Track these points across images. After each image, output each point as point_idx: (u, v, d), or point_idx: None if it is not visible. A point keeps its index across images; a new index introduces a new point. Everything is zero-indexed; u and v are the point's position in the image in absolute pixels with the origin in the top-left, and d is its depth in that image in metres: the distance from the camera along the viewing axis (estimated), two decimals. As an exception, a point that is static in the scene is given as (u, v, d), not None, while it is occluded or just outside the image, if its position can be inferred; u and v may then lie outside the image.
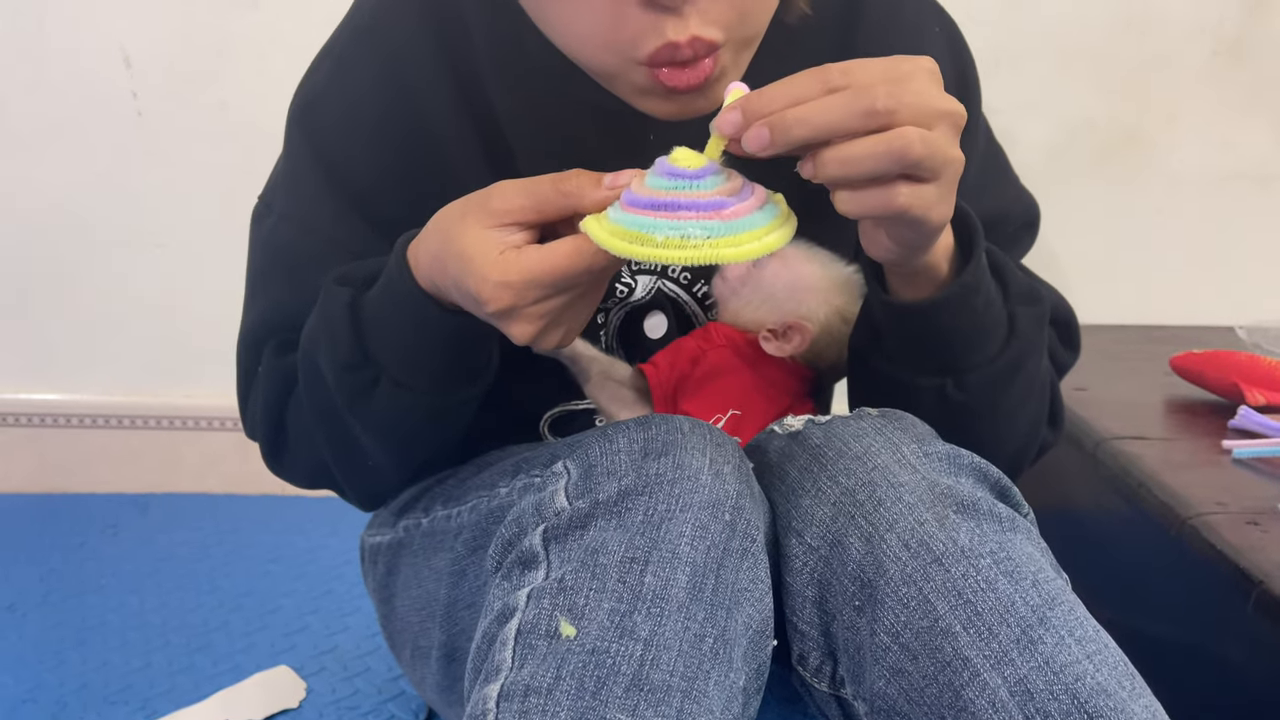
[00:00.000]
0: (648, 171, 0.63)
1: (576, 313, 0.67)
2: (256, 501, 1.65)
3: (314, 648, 1.29)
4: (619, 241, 0.61)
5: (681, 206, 0.60)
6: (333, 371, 0.75)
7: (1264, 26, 1.48)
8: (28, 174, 1.56)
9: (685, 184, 0.61)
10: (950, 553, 0.62)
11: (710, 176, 0.61)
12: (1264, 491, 0.99)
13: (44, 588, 1.42)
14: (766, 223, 0.61)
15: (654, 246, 0.60)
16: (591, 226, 0.62)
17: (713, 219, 0.60)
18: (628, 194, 0.62)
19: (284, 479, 0.88)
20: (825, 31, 0.83)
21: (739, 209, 0.61)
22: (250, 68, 1.51)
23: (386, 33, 0.81)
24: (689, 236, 0.59)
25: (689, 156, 0.62)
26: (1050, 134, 1.51)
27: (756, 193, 0.63)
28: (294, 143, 0.84)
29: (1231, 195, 1.53)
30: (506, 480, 0.77)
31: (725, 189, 0.61)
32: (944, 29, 0.88)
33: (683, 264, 0.60)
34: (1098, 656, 0.59)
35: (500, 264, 0.63)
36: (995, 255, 0.76)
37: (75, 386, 1.67)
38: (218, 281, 1.55)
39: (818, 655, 0.68)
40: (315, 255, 0.81)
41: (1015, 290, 0.76)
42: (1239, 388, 1.16)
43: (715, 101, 0.69)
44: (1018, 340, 0.75)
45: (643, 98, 0.70)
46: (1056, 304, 0.87)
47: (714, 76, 0.68)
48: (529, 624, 0.60)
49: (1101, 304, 1.53)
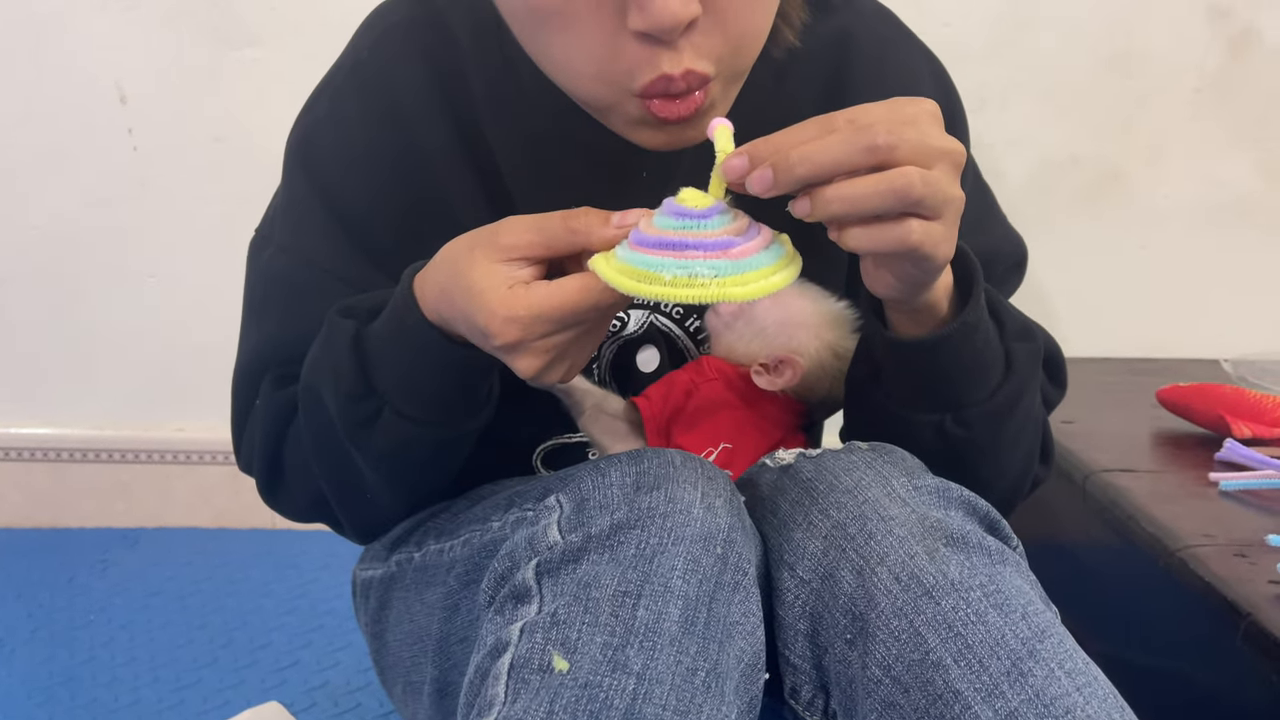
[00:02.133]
0: (655, 211, 0.63)
1: (581, 348, 0.68)
2: (247, 536, 1.65)
3: (305, 683, 1.28)
4: (627, 280, 0.61)
5: (689, 246, 0.61)
6: (336, 402, 0.75)
7: (1245, 64, 1.51)
8: (21, 206, 1.57)
9: (693, 224, 0.62)
10: (941, 586, 0.63)
11: (717, 216, 0.62)
12: (1251, 524, 1.00)
13: (32, 624, 1.41)
14: (773, 262, 0.62)
15: (662, 285, 0.60)
16: (599, 264, 0.63)
17: (720, 258, 0.61)
18: (636, 233, 0.63)
19: (279, 512, 0.88)
20: (815, 69, 0.85)
21: (745, 248, 0.61)
22: (245, 103, 1.53)
23: (383, 69, 0.82)
24: (696, 275, 0.60)
25: (696, 197, 0.62)
26: (1036, 170, 1.53)
27: (763, 232, 0.63)
28: (292, 176, 0.85)
29: (1215, 230, 1.55)
30: (499, 514, 0.77)
31: (732, 228, 0.62)
32: (933, 73, 0.90)
33: (691, 302, 0.61)
34: (1088, 689, 0.60)
35: (509, 299, 0.63)
36: (991, 293, 0.77)
37: (65, 420, 1.67)
38: (210, 315, 1.56)
39: (810, 688, 0.68)
40: (314, 286, 0.81)
41: (1011, 327, 0.77)
42: (1225, 420, 1.17)
43: (704, 133, 0.69)
44: (1015, 376, 0.76)
45: (634, 129, 0.72)
46: (1047, 344, 0.88)
47: (704, 108, 0.69)
48: (522, 658, 0.60)
49: (1088, 337, 1.54)
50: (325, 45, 0.90)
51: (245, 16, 1.51)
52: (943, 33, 1.45)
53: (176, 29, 1.52)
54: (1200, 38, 1.50)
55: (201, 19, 1.51)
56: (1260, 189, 1.55)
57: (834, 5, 0.87)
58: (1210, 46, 1.50)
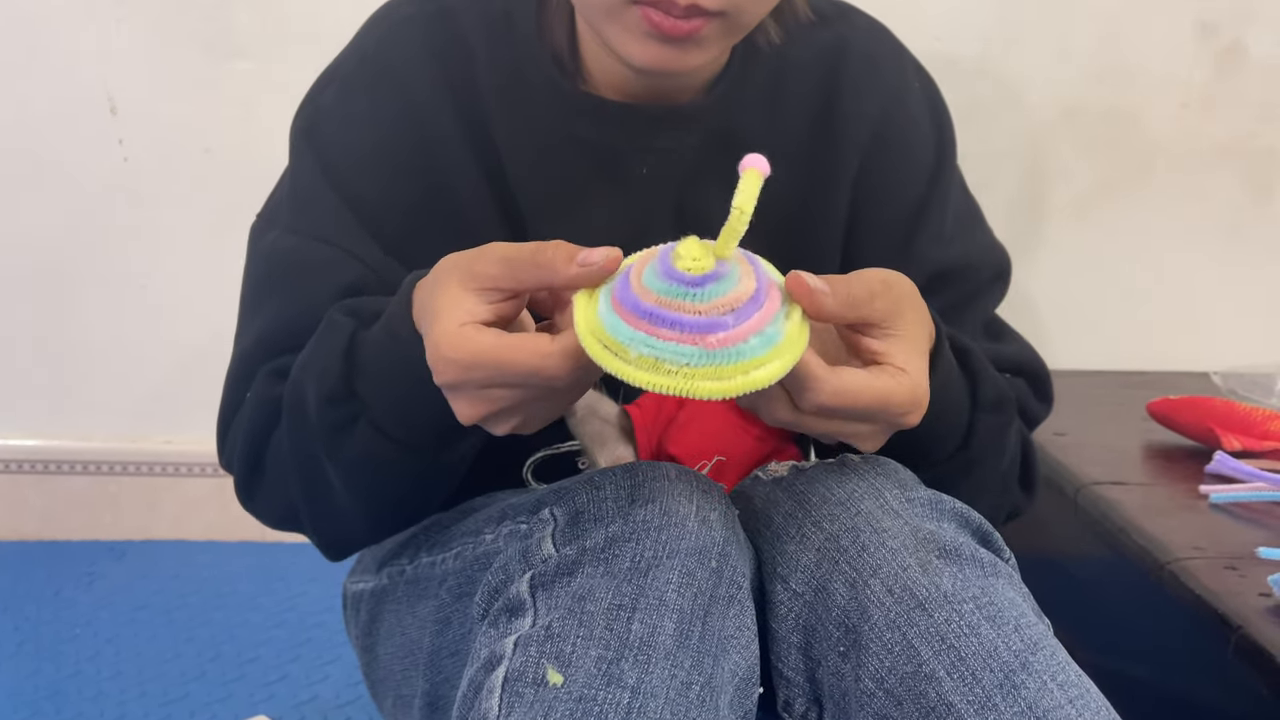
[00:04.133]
0: (653, 260, 0.56)
1: (540, 408, 0.63)
2: (235, 549, 1.64)
3: (293, 697, 1.27)
4: (595, 344, 0.55)
5: (665, 322, 0.53)
6: (316, 404, 0.72)
7: (1232, 79, 1.52)
8: (10, 216, 1.56)
9: (680, 291, 0.54)
10: (933, 598, 0.63)
11: (712, 284, 0.54)
12: (1241, 536, 1.00)
13: (18, 637, 1.40)
14: (762, 351, 0.54)
15: (625, 362, 0.54)
16: (581, 305, 0.56)
17: (695, 345, 0.53)
18: (623, 285, 0.55)
19: (254, 515, 0.85)
20: (809, 78, 0.86)
21: (731, 334, 0.53)
22: (235, 115, 1.52)
23: (393, 61, 0.82)
24: (663, 360, 0.53)
25: (696, 253, 0.54)
26: (1025, 183, 1.54)
27: (768, 303, 0.55)
28: (301, 158, 0.84)
29: (1203, 244, 1.56)
30: (492, 527, 0.77)
31: (728, 299, 0.54)
32: (923, 85, 0.91)
33: (656, 390, 0.53)
34: (1080, 701, 0.60)
35: (455, 337, 0.60)
36: (973, 359, 0.76)
37: (52, 432, 1.65)
38: (200, 327, 1.56)
39: (803, 701, 0.68)
40: (323, 262, 0.79)
41: (984, 399, 0.76)
42: (1215, 433, 1.17)
43: (691, 63, 0.73)
44: (968, 451, 0.76)
45: (628, 41, 0.73)
46: (1028, 358, 0.89)
47: (698, 37, 0.71)
48: (516, 672, 0.60)
49: (1078, 350, 1.54)
50: (316, 56, 0.90)
51: (236, 27, 1.51)
52: (934, 47, 1.45)
53: (167, 40, 1.51)
54: (1188, 53, 1.51)
55: (192, 30, 1.51)
56: (1248, 202, 1.56)
57: (829, 17, 0.88)
58: (1197, 61, 1.51)
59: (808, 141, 0.86)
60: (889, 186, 0.87)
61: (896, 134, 0.88)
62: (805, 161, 0.86)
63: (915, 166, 0.88)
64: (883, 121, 0.87)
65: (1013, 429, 0.80)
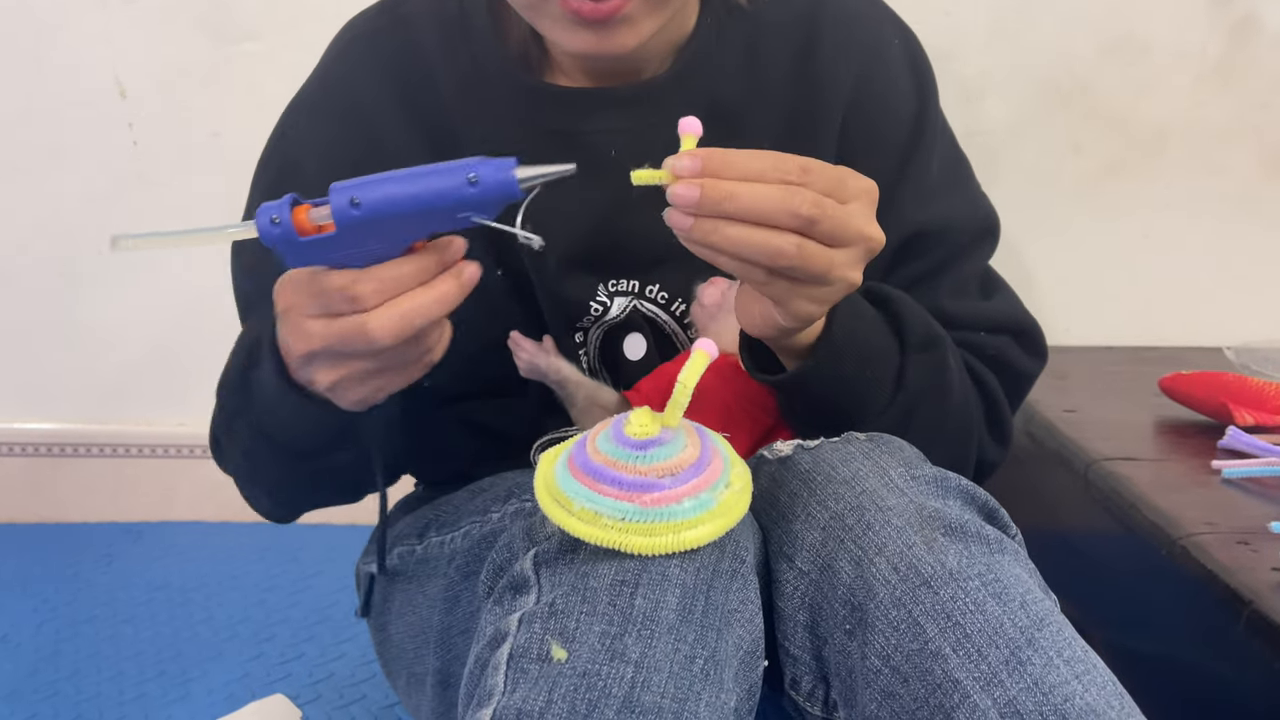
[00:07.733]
0: (609, 425, 0.62)
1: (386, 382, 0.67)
2: (251, 530, 1.65)
3: (309, 676, 1.29)
4: (546, 496, 0.61)
5: (607, 479, 0.59)
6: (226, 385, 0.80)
7: (1247, 51, 1.50)
8: (22, 201, 1.57)
9: (625, 454, 0.59)
10: (939, 575, 0.63)
11: (655, 449, 0.59)
12: (1254, 511, 1.00)
13: (37, 618, 1.41)
14: (693, 514, 0.59)
15: (568, 514, 0.59)
16: (542, 464, 0.62)
17: (631, 501, 0.59)
18: (579, 449, 0.61)
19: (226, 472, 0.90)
20: (785, 39, 0.86)
21: (666, 495, 0.59)
22: (244, 98, 1.53)
23: (352, 85, 0.85)
24: (601, 513, 0.59)
25: (644, 420, 0.60)
26: (1037, 159, 1.53)
27: (709, 471, 0.60)
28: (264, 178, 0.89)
29: (1218, 218, 1.55)
30: (499, 506, 0.78)
31: (668, 464, 0.59)
32: (902, 40, 0.90)
33: (593, 542, 0.59)
34: (1086, 677, 0.60)
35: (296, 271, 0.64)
36: (898, 304, 0.77)
37: (68, 415, 1.67)
38: (212, 308, 1.56)
39: (810, 679, 0.68)
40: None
41: (912, 340, 0.77)
42: (1227, 408, 1.17)
43: (624, 44, 0.74)
44: (905, 394, 0.76)
45: (560, 30, 0.75)
46: (1013, 314, 0.89)
47: (621, 16, 0.72)
48: (520, 648, 0.60)
49: (1090, 326, 1.54)
50: (322, 39, 0.90)
51: (243, 11, 1.51)
52: (944, 22, 1.44)
53: (175, 24, 1.51)
54: (1201, 25, 1.49)
55: (200, 13, 1.51)
56: (1262, 176, 1.54)
57: None
58: (1211, 34, 1.49)
59: (790, 103, 0.86)
60: (872, 142, 0.87)
61: (877, 90, 0.87)
62: (787, 123, 0.86)
63: (897, 122, 0.88)
64: (863, 78, 0.87)
65: (953, 370, 0.80)
